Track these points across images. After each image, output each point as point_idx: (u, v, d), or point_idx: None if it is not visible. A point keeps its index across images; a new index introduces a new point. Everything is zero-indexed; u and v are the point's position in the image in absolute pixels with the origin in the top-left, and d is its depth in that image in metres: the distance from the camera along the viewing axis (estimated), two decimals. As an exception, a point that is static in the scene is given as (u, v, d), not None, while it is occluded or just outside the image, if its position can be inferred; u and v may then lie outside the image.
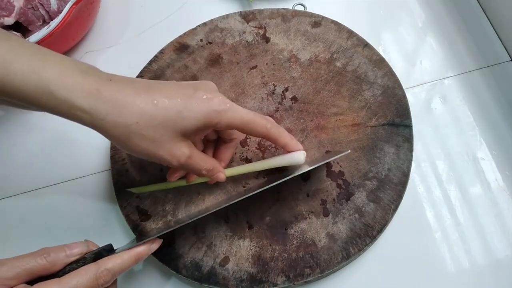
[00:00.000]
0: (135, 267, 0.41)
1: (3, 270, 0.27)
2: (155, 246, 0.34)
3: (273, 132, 0.34)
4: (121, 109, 0.29)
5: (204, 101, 0.31)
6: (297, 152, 0.36)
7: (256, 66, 0.46)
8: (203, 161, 0.34)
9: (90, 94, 0.28)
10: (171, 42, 0.48)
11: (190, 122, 0.31)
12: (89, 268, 0.29)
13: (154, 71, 0.47)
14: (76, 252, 0.30)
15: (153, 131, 0.30)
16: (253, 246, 0.38)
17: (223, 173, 0.36)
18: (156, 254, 0.36)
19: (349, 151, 0.37)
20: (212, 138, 0.39)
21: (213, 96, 0.31)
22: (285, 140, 0.35)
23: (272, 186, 0.34)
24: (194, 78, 0.46)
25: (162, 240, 0.34)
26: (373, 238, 0.37)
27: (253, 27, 0.48)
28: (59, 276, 0.28)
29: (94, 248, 0.32)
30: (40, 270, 0.28)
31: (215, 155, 0.39)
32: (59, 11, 0.49)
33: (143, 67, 0.47)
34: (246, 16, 0.49)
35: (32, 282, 0.28)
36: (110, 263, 0.30)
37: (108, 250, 0.32)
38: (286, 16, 0.48)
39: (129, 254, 0.31)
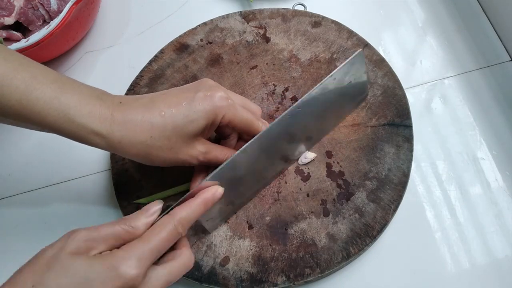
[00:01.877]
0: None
1: (91, 234, 0.27)
2: (219, 193, 0.33)
3: None
4: (134, 128, 0.31)
5: (207, 99, 0.33)
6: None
7: (256, 66, 0.46)
8: (221, 152, 0.35)
9: (106, 119, 0.30)
10: (171, 42, 0.48)
11: (198, 122, 0.32)
12: (165, 219, 0.30)
13: (154, 71, 0.47)
14: (153, 211, 0.30)
15: (168, 140, 0.32)
16: (253, 246, 0.38)
17: None
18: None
19: (360, 50, 0.37)
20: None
21: (214, 92, 0.33)
22: None
23: (271, 187, 0.35)
24: (194, 78, 0.46)
25: (224, 188, 0.33)
26: (373, 238, 0.37)
27: (253, 27, 0.48)
28: None
29: None
30: (125, 235, 0.28)
31: None
32: (59, 11, 0.49)
33: (143, 67, 0.47)
34: (246, 16, 0.49)
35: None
36: (182, 211, 0.30)
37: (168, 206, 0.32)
38: (286, 16, 0.48)
39: (197, 201, 0.31)
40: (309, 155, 0.41)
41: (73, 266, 0.25)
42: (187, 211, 0.31)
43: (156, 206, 0.31)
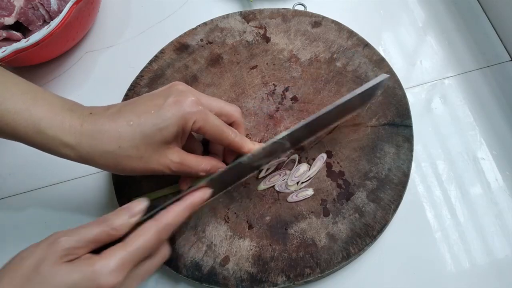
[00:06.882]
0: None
1: (72, 240, 0.27)
2: (207, 195, 0.32)
3: (237, 141, 0.35)
4: (102, 138, 0.31)
5: (176, 105, 0.32)
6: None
7: (256, 66, 0.46)
8: (197, 163, 0.34)
9: (75, 130, 0.30)
10: (171, 42, 0.48)
11: (168, 130, 0.31)
12: (150, 225, 0.29)
13: (154, 71, 0.47)
14: (137, 211, 0.29)
15: (137, 150, 0.31)
16: (253, 246, 0.38)
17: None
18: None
19: (388, 76, 0.37)
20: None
21: (184, 98, 0.32)
22: (249, 147, 0.36)
23: (272, 187, 0.35)
24: (194, 78, 0.46)
25: (212, 190, 0.33)
26: (373, 238, 0.37)
27: (253, 27, 0.48)
28: (122, 240, 0.28)
29: None
30: (105, 238, 0.28)
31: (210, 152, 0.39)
32: (59, 11, 0.49)
33: (143, 67, 0.47)
34: (246, 16, 0.49)
35: (97, 250, 0.28)
36: (168, 216, 0.30)
37: (154, 206, 0.31)
38: (286, 16, 0.48)
39: (183, 205, 0.31)
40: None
41: (54, 280, 0.25)
42: (173, 216, 0.30)
43: (139, 206, 0.30)
